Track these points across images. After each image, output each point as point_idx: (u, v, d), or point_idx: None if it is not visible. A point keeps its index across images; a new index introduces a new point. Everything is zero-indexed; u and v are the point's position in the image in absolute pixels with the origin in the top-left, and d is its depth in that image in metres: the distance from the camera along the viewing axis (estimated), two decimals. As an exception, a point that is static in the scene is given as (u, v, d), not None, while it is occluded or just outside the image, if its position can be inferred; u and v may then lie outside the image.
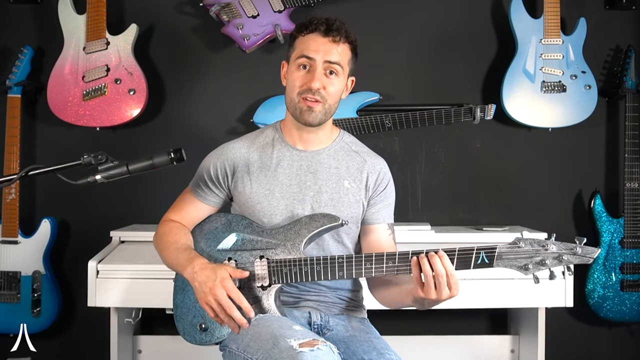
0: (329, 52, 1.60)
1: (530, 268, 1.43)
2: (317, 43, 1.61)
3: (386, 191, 1.74)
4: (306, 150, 1.71)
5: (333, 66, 1.61)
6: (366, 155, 1.75)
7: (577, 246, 1.41)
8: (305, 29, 1.63)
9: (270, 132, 1.75)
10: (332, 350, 1.38)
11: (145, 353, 2.64)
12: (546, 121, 2.66)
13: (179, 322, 1.64)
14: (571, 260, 1.41)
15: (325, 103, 1.62)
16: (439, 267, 1.41)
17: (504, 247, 1.44)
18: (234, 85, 2.79)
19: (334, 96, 1.63)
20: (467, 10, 2.80)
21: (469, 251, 1.44)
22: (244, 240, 1.62)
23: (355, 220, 1.71)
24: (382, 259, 1.50)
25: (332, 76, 1.62)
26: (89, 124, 2.61)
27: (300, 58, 1.62)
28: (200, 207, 1.74)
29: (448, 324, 2.73)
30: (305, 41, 1.62)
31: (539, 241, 1.43)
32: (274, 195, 1.67)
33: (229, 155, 1.71)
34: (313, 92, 1.60)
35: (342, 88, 1.66)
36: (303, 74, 1.62)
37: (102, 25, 2.61)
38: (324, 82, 1.61)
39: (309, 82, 1.60)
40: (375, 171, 1.73)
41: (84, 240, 2.73)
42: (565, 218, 2.82)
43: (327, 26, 1.61)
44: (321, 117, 1.63)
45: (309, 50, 1.61)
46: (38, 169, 1.46)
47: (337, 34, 1.61)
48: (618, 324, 2.78)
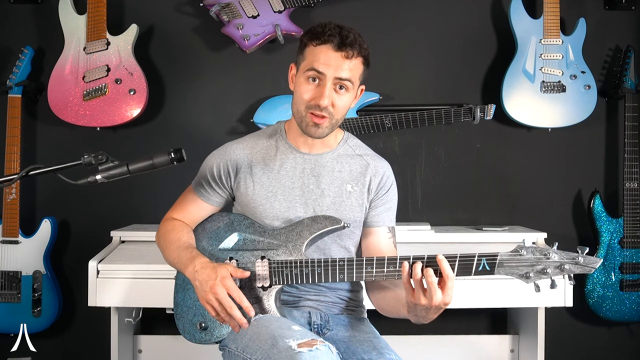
0: (340, 68, 1.54)
1: (532, 276, 1.41)
2: (328, 57, 1.54)
3: (388, 194, 1.73)
4: (310, 153, 1.70)
5: (343, 82, 1.56)
6: (370, 158, 1.74)
7: (579, 255, 1.39)
8: (317, 39, 1.56)
9: (274, 134, 1.74)
10: (330, 350, 1.38)
11: (145, 353, 2.64)
12: (546, 121, 2.66)
13: (179, 320, 1.64)
14: (573, 269, 1.40)
15: (333, 119, 1.59)
16: (429, 271, 1.40)
17: (506, 255, 1.42)
18: (234, 85, 2.79)
19: (341, 111, 1.60)
20: (467, 11, 2.80)
21: (470, 258, 1.43)
22: (246, 240, 1.62)
23: (358, 224, 1.70)
24: (383, 263, 1.49)
25: (342, 91, 1.58)
26: (89, 124, 2.61)
27: (310, 71, 1.56)
28: (203, 206, 1.73)
29: (448, 324, 2.72)
30: (316, 53, 1.56)
31: (540, 249, 1.41)
32: (276, 198, 1.67)
33: (231, 155, 1.71)
34: (321, 109, 1.56)
35: (350, 101, 1.62)
36: (312, 87, 1.57)
37: (102, 26, 2.61)
38: (333, 98, 1.57)
39: (318, 98, 1.55)
40: (379, 174, 1.72)
41: (84, 240, 2.73)
42: (564, 218, 2.82)
43: (340, 39, 1.53)
44: (327, 131, 1.62)
45: (319, 64, 1.54)
46: (38, 169, 1.46)
47: (350, 49, 1.54)
48: (618, 324, 2.78)
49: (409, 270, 1.43)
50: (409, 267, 1.43)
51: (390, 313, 1.66)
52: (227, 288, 1.47)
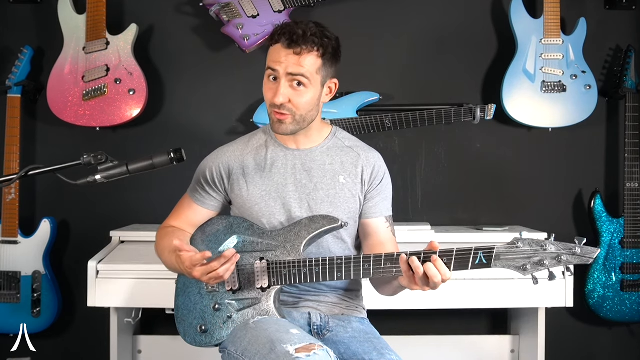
0: (291, 65, 1.56)
1: (529, 269, 1.41)
2: (279, 55, 1.58)
3: (382, 184, 1.74)
4: (299, 149, 1.71)
5: (297, 78, 1.57)
6: (360, 149, 1.75)
7: (576, 246, 1.39)
8: (271, 39, 1.61)
9: (263, 134, 1.76)
10: (328, 355, 1.38)
11: (145, 353, 2.64)
12: (546, 121, 2.65)
13: (180, 324, 1.65)
14: (570, 260, 1.39)
15: (296, 115, 1.60)
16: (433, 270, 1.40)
17: (502, 248, 1.42)
18: (234, 85, 2.79)
19: (304, 106, 1.61)
20: (467, 10, 2.79)
21: (466, 251, 1.43)
22: (245, 242, 1.63)
23: (353, 216, 1.71)
24: (380, 260, 1.49)
25: (300, 87, 1.59)
26: (89, 124, 2.61)
27: (268, 70, 1.61)
28: (199, 211, 1.74)
29: (448, 324, 2.73)
30: (271, 52, 1.60)
31: (537, 241, 1.41)
32: (270, 196, 1.68)
33: (223, 158, 1.73)
34: (278, 106, 1.59)
35: (315, 96, 1.62)
36: (272, 86, 1.61)
37: (102, 25, 2.61)
38: (290, 95, 1.58)
39: (274, 96, 1.59)
40: (370, 165, 1.73)
41: (84, 240, 2.73)
42: (565, 218, 2.82)
43: (289, 36, 1.56)
44: (293, 127, 1.62)
45: (272, 62, 1.59)
46: (38, 169, 1.46)
47: (297, 45, 1.56)
48: (618, 324, 2.77)
49: (408, 267, 1.44)
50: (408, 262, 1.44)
51: (390, 292, 1.68)
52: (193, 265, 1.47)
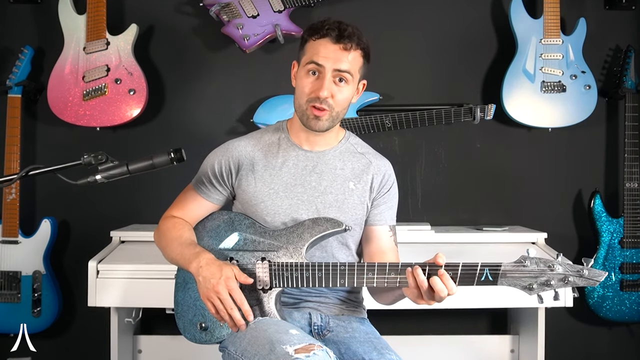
0: (339, 60, 1.57)
1: (535, 288, 1.39)
2: (327, 50, 1.57)
3: (390, 193, 1.74)
4: (312, 150, 1.71)
5: (343, 74, 1.59)
6: (372, 156, 1.75)
7: (584, 268, 1.38)
8: (316, 33, 1.59)
9: (277, 131, 1.75)
10: (328, 355, 1.37)
11: (145, 353, 2.64)
12: (546, 121, 2.66)
13: (180, 319, 1.64)
14: (577, 282, 1.38)
15: (333, 111, 1.61)
16: (439, 285, 1.40)
17: (509, 266, 1.40)
18: (234, 85, 2.79)
19: (342, 103, 1.62)
20: (467, 11, 2.79)
21: (473, 267, 1.42)
22: (246, 240, 1.62)
23: (359, 222, 1.71)
24: (385, 270, 1.48)
25: (342, 84, 1.60)
26: (89, 124, 2.61)
27: (310, 64, 1.59)
28: (203, 204, 1.73)
29: (448, 324, 2.72)
30: (315, 46, 1.59)
31: (545, 261, 1.39)
32: (278, 195, 1.66)
33: (234, 152, 1.71)
34: (321, 100, 1.58)
35: (351, 95, 1.64)
36: (312, 80, 1.60)
37: (102, 25, 2.61)
38: (333, 91, 1.59)
39: (318, 90, 1.58)
40: (380, 173, 1.73)
41: (84, 240, 2.73)
42: (565, 218, 2.82)
43: (339, 32, 1.57)
44: (328, 124, 1.63)
45: (318, 57, 1.58)
46: (38, 169, 1.46)
47: (348, 41, 1.57)
48: (618, 324, 2.78)
49: (414, 280, 1.43)
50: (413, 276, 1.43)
51: (390, 302, 1.68)
52: (230, 289, 1.47)
